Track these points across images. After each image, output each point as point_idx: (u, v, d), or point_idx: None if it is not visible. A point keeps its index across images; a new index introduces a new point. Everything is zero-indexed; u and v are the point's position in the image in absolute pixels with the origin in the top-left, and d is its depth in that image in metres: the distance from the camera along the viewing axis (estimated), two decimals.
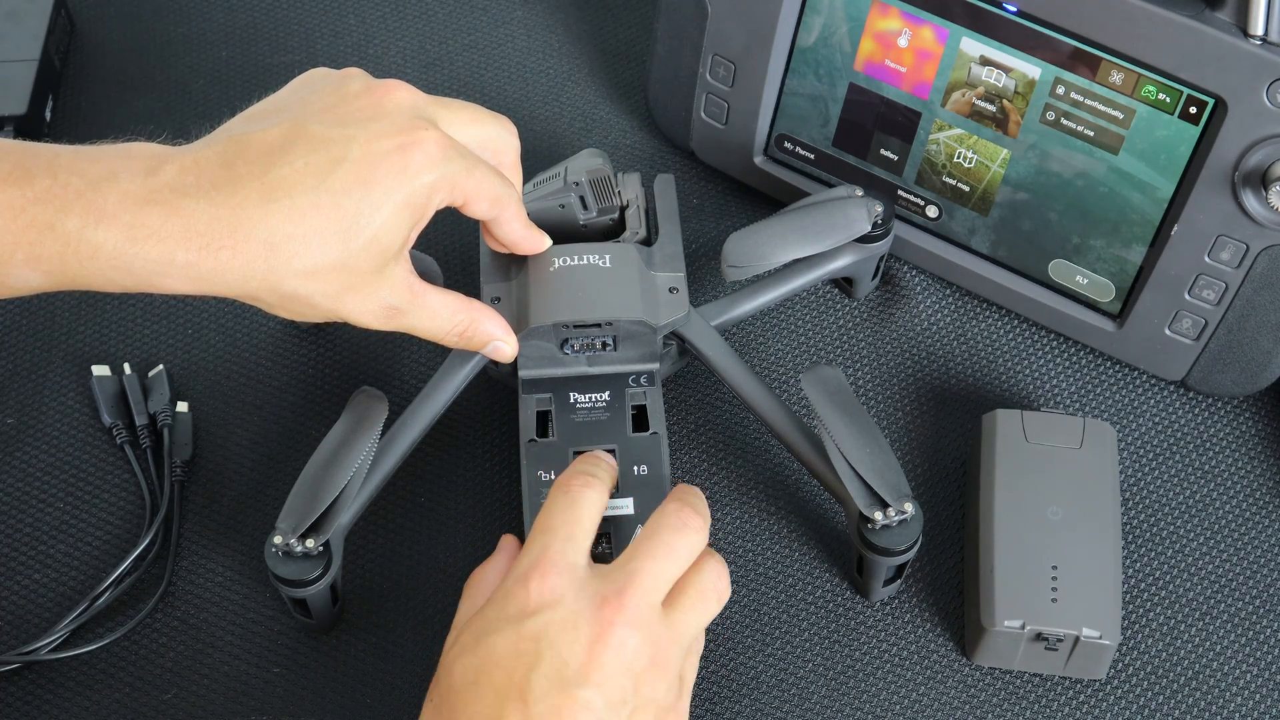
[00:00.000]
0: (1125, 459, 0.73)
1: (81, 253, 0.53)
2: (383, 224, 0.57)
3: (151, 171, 0.55)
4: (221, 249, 0.54)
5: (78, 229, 0.53)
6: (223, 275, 0.55)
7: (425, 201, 0.59)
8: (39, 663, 0.66)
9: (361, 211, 0.57)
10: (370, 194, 0.57)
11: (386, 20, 0.90)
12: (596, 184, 0.71)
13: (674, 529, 0.58)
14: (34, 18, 0.84)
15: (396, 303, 0.60)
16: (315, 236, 0.56)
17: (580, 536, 0.58)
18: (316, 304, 0.58)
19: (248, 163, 0.56)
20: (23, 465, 0.72)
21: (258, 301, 0.58)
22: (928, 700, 0.66)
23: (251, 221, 0.55)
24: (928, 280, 0.79)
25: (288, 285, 0.56)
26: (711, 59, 0.77)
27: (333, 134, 0.57)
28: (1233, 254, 0.68)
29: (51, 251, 0.53)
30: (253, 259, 0.55)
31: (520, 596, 0.56)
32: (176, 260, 0.54)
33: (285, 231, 0.55)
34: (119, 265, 0.54)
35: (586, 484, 0.60)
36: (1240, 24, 0.63)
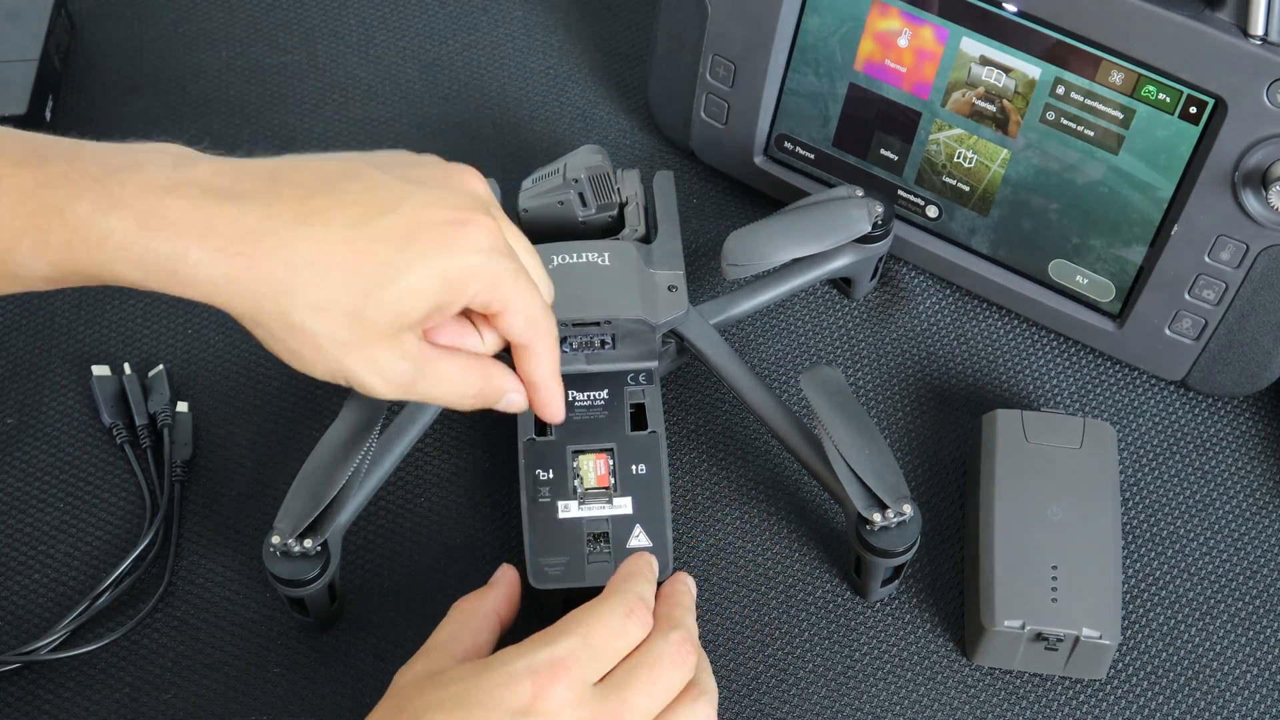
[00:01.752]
0: (1125, 459, 0.73)
1: (90, 240, 0.51)
2: (410, 287, 0.54)
3: (181, 166, 0.53)
4: (238, 256, 0.52)
5: (88, 214, 0.51)
6: (232, 285, 0.52)
7: (461, 283, 0.56)
8: (39, 663, 0.66)
9: (393, 264, 0.54)
10: (407, 251, 0.54)
11: (386, 20, 0.90)
12: (595, 180, 0.71)
13: (674, 664, 0.57)
14: (34, 18, 0.84)
15: (407, 370, 0.56)
16: (338, 273, 0.53)
17: (608, 660, 0.56)
18: (322, 347, 0.54)
19: (293, 183, 0.54)
20: (23, 465, 0.72)
21: (262, 328, 0.54)
22: (928, 700, 0.66)
23: (278, 237, 0.52)
24: (928, 280, 0.79)
25: (296, 315, 0.53)
26: (711, 59, 0.77)
27: (391, 184, 0.55)
28: (1233, 254, 0.68)
29: (59, 238, 0.51)
30: (268, 276, 0.52)
31: (525, 692, 0.53)
32: (188, 258, 0.51)
33: (309, 258, 0.53)
34: (128, 257, 0.51)
35: (644, 621, 0.57)
36: (1240, 24, 0.63)
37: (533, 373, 0.61)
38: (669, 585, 0.62)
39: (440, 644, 0.59)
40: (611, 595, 0.58)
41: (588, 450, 0.67)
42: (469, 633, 0.59)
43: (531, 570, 0.65)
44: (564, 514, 0.66)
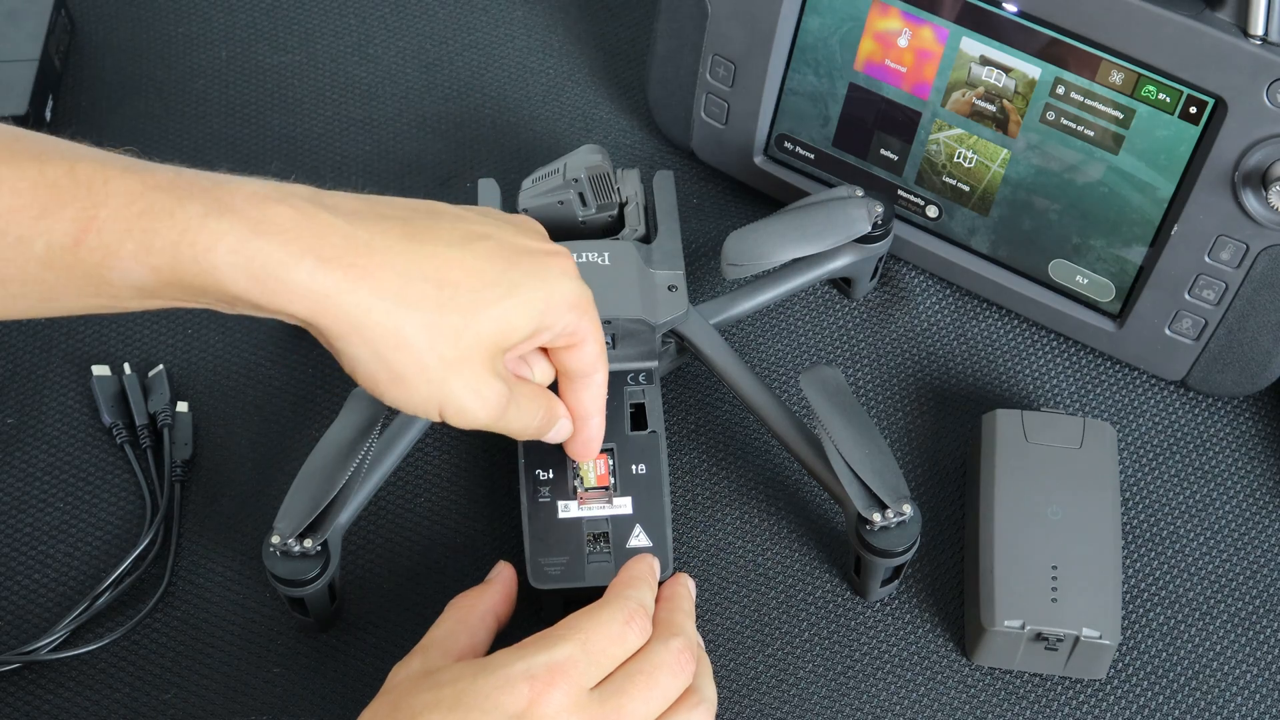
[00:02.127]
0: (1125, 459, 0.73)
1: (198, 243, 0.49)
2: (515, 307, 0.55)
3: (281, 185, 0.52)
4: (353, 266, 0.51)
5: (199, 215, 0.49)
6: (343, 296, 0.51)
7: (558, 309, 0.57)
8: (39, 663, 0.66)
9: (500, 283, 0.54)
10: (511, 272, 0.55)
11: (386, 20, 0.90)
12: (595, 180, 0.71)
13: (672, 672, 0.57)
14: (34, 18, 0.84)
15: (503, 394, 0.56)
16: (450, 288, 0.53)
17: (605, 666, 0.56)
18: (427, 367, 0.53)
19: (391, 207, 0.54)
20: (23, 465, 0.72)
21: (365, 346, 0.52)
22: (928, 700, 0.66)
23: (391, 251, 0.52)
24: (928, 280, 0.79)
25: (408, 330, 0.52)
26: (711, 59, 0.77)
27: (474, 217, 0.56)
28: (1233, 254, 0.68)
29: (166, 241, 0.49)
30: (382, 287, 0.51)
31: (522, 697, 0.53)
32: (302, 264, 0.50)
33: (422, 272, 0.52)
34: (236, 261, 0.49)
35: (643, 628, 0.57)
36: (1240, 24, 0.63)
37: (587, 404, 0.63)
38: (669, 588, 0.62)
39: (436, 642, 0.59)
40: (612, 601, 0.58)
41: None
42: (465, 631, 0.60)
43: (531, 570, 0.65)
44: (564, 514, 0.66)
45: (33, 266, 0.49)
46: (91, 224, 0.49)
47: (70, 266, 0.49)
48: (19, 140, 0.50)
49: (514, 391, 0.57)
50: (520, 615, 0.65)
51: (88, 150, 0.51)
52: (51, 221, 0.49)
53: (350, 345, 0.53)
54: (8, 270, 0.49)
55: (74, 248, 0.49)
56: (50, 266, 0.49)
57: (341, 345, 0.53)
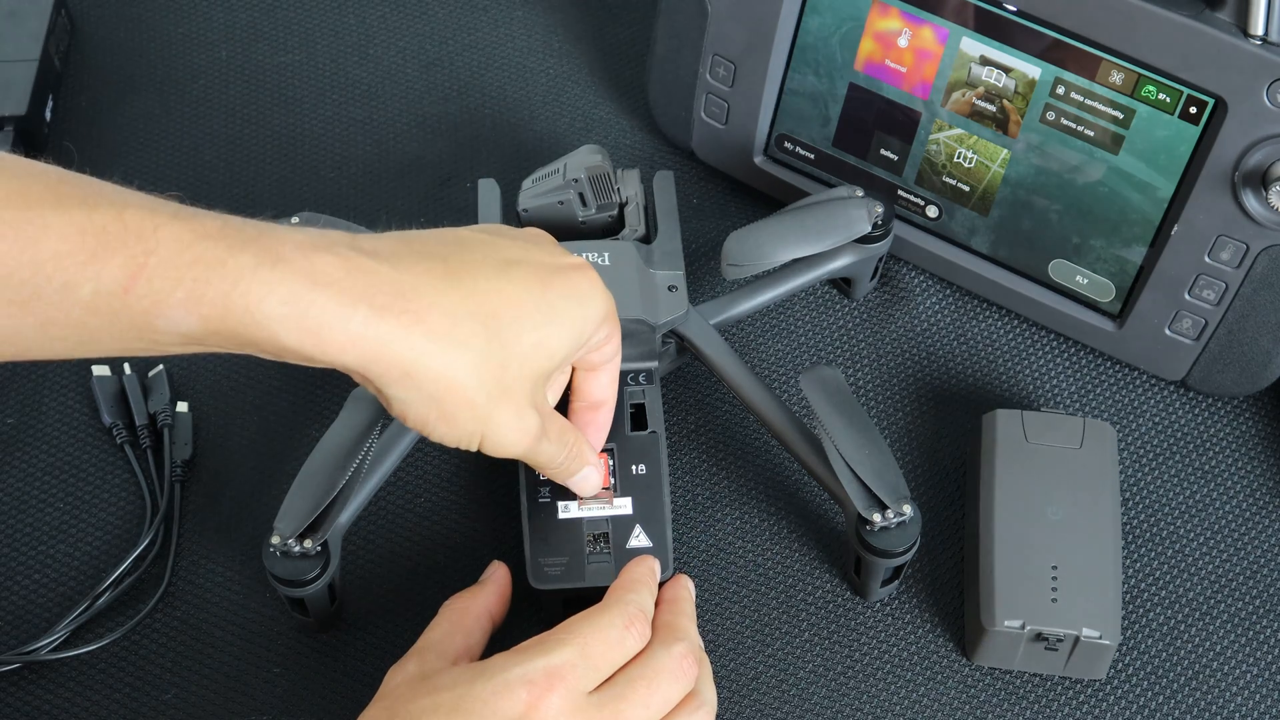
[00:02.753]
0: (1125, 459, 0.73)
1: (251, 294, 0.49)
2: (554, 333, 0.56)
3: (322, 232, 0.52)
4: (405, 313, 0.51)
5: (251, 265, 0.49)
6: (395, 344, 0.51)
7: (593, 327, 0.58)
8: (39, 663, 0.66)
9: (539, 310, 0.55)
10: (546, 296, 0.55)
11: (386, 20, 0.90)
12: (595, 180, 0.71)
13: (673, 677, 0.57)
14: (34, 18, 0.84)
15: (539, 425, 0.57)
16: (494, 322, 0.53)
17: (604, 671, 0.56)
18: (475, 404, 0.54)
19: (425, 244, 0.54)
20: (23, 465, 0.72)
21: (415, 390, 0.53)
22: (928, 700, 0.66)
23: (437, 292, 0.52)
24: (928, 280, 0.79)
25: (457, 371, 0.53)
26: (711, 59, 0.77)
27: (500, 243, 0.56)
28: (1233, 254, 0.68)
29: (218, 291, 0.49)
30: (433, 331, 0.52)
31: (520, 701, 0.53)
32: (356, 314, 0.50)
33: (468, 309, 0.53)
34: (290, 315, 0.49)
35: (642, 633, 0.58)
36: (1240, 24, 0.63)
37: (602, 390, 0.64)
38: (670, 591, 0.62)
39: (432, 644, 0.59)
40: (612, 605, 0.58)
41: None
42: (461, 633, 0.59)
43: (531, 570, 0.65)
44: (564, 514, 0.66)
45: (77, 311, 0.49)
46: (141, 271, 0.48)
47: (117, 313, 0.49)
48: (65, 183, 0.49)
49: (548, 423, 0.58)
50: (519, 615, 0.65)
51: (134, 195, 0.50)
52: (100, 267, 0.48)
53: (402, 390, 0.53)
54: (51, 314, 0.49)
55: (122, 295, 0.48)
56: (96, 313, 0.49)
57: (393, 391, 0.53)
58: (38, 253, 0.47)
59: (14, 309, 0.48)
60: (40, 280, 0.48)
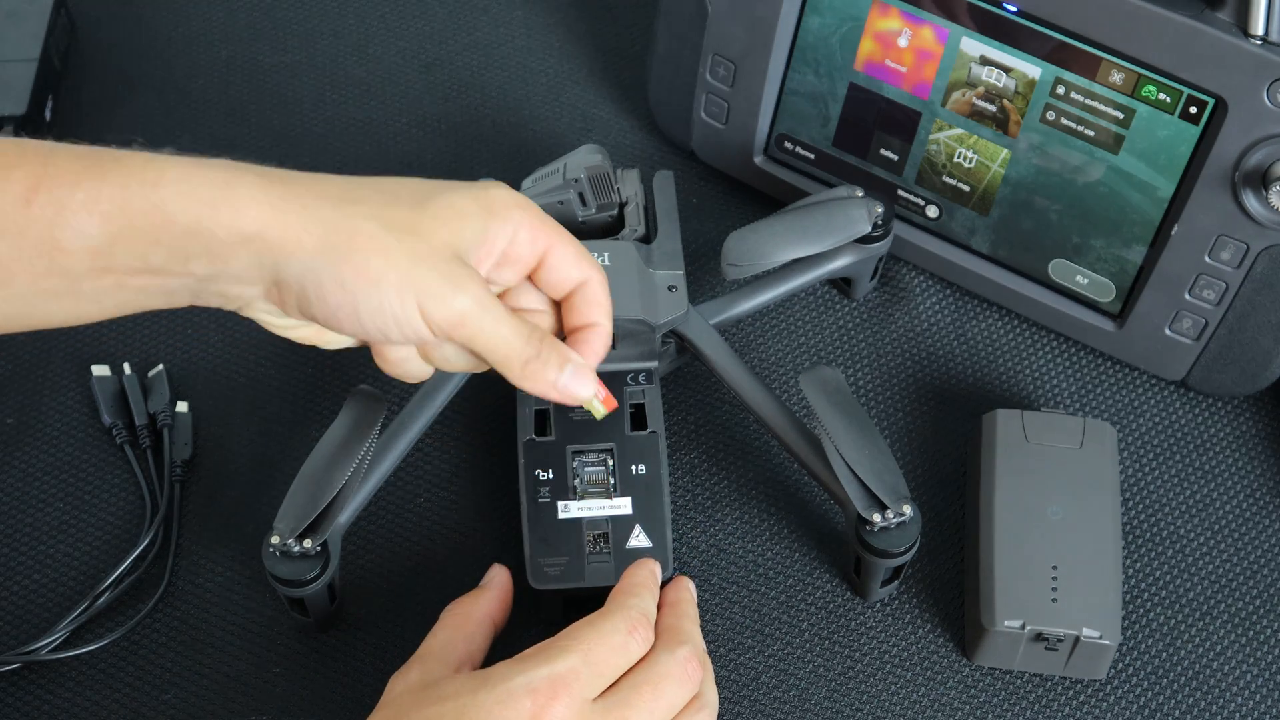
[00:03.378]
0: (1125, 459, 0.73)
1: (146, 179, 0.51)
2: (458, 198, 0.54)
3: None
4: (295, 183, 0.53)
5: (145, 159, 0.51)
6: (290, 201, 0.52)
7: (503, 211, 0.55)
8: (39, 663, 0.66)
9: (437, 189, 0.55)
10: (441, 184, 0.55)
11: (386, 20, 0.90)
12: (595, 180, 0.71)
13: (679, 682, 0.56)
14: (34, 18, 0.84)
15: (480, 280, 0.55)
16: (392, 194, 0.54)
17: (609, 676, 0.55)
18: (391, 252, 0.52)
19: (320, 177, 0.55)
20: (23, 465, 0.72)
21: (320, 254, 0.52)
22: (928, 700, 0.66)
23: (329, 180, 0.54)
24: (928, 280, 0.79)
25: (363, 224, 0.52)
26: (711, 59, 0.77)
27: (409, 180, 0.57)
28: (1233, 254, 0.68)
29: (114, 186, 0.50)
30: (325, 190, 0.53)
31: (525, 711, 0.53)
32: (246, 179, 0.52)
33: (359, 182, 0.54)
34: (184, 190, 0.51)
35: (646, 638, 0.57)
36: (1240, 24, 0.63)
37: (592, 312, 0.59)
38: (673, 593, 0.62)
39: (434, 652, 0.58)
40: (614, 611, 0.57)
41: (587, 450, 0.67)
42: (463, 638, 0.59)
43: (531, 570, 0.65)
44: (564, 514, 0.66)
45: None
46: (41, 181, 0.50)
47: (22, 230, 0.50)
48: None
49: (492, 301, 0.55)
50: (519, 616, 0.65)
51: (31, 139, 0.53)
52: (1, 184, 0.50)
53: (306, 254, 0.52)
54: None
55: (25, 207, 0.50)
56: (3, 235, 0.50)
57: (292, 264, 0.52)
58: None
59: None
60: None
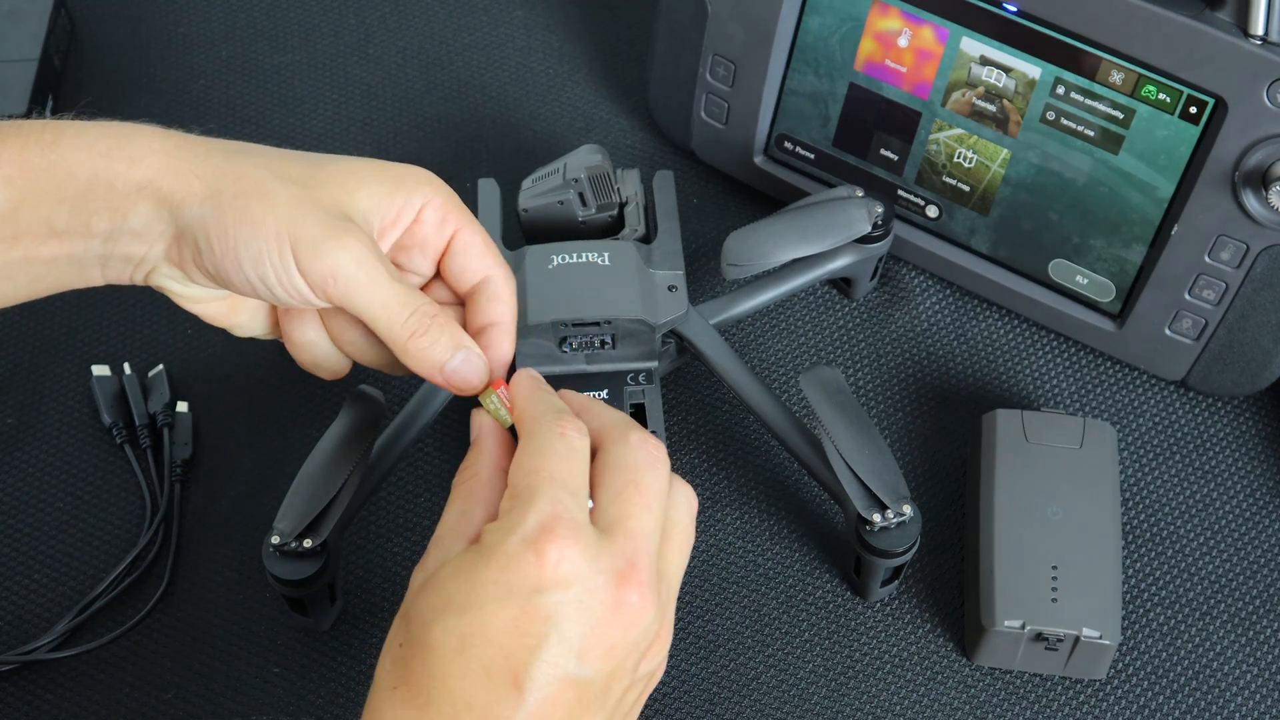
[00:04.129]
0: (1125, 459, 0.73)
1: (44, 138, 0.52)
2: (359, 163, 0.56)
3: None
4: (193, 139, 0.54)
5: (40, 124, 0.53)
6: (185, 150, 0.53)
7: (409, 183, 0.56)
8: (39, 663, 0.66)
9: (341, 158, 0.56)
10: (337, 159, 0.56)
11: (386, 20, 0.90)
12: (595, 180, 0.71)
13: (651, 467, 0.52)
14: (34, 18, 0.84)
15: (366, 238, 0.53)
16: (291, 154, 0.55)
17: (584, 490, 0.51)
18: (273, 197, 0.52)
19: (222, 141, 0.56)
20: (23, 465, 0.72)
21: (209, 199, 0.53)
22: (928, 700, 0.66)
23: (228, 142, 0.55)
24: (928, 280, 0.79)
25: (251, 171, 0.53)
26: (711, 59, 0.77)
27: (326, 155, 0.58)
28: (1233, 254, 0.68)
29: (13, 146, 0.52)
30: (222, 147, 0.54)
31: (532, 566, 0.48)
32: (143, 130, 0.53)
33: (260, 150, 0.55)
34: (81, 143, 0.52)
35: (579, 427, 0.52)
36: (1240, 24, 0.63)
37: (494, 310, 0.57)
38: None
39: (449, 529, 0.52)
40: (533, 428, 0.52)
41: None
42: (480, 505, 0.53)
43: None
44: None
45: None
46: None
47: None
48: None
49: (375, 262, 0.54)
50: None
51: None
52: None
53: (196, 203, 0.53)
54: None
55: None
56: None
57: (184, 212, 0.53)
58: None
59: None
60: None
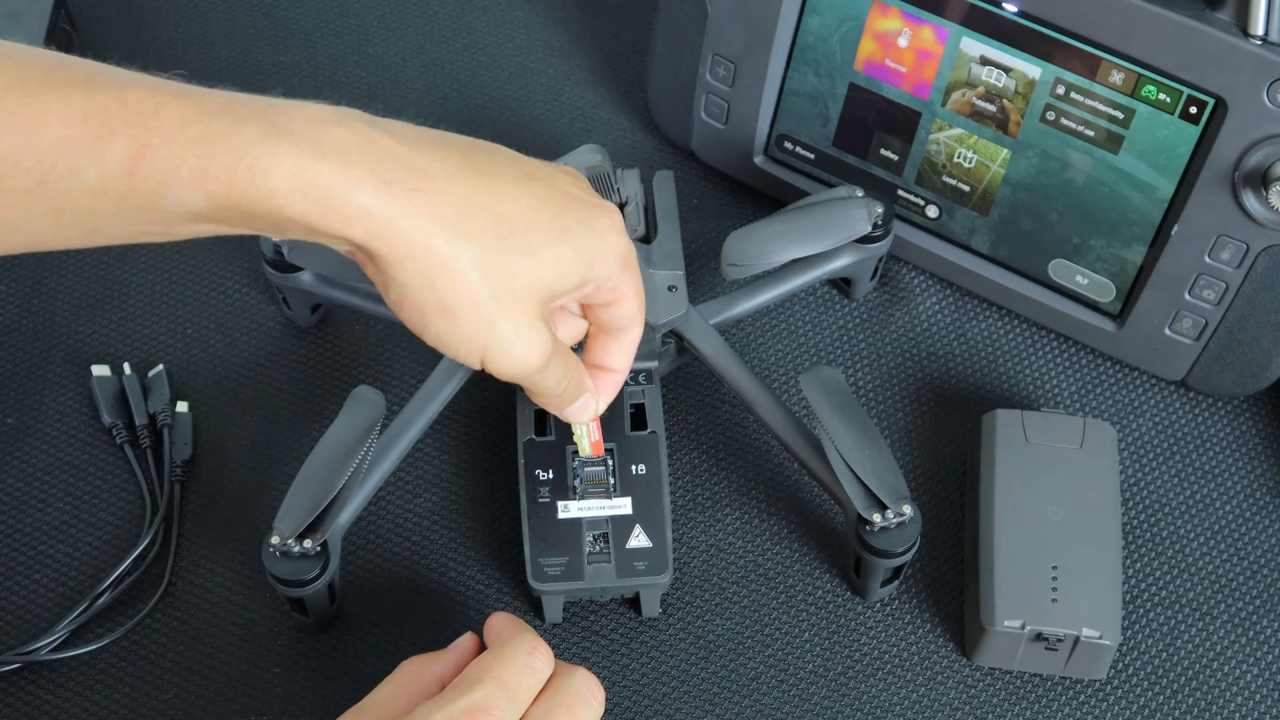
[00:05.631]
0: (1125, 459, 0.73)
1: (257, 167, 0.48)
2: (566, 253, 0.54)
3: (337, 108, 0.51)
4: (415, 192, 0.50)
5: (256, 139, 0.48)
6: (401, 221, 0.49)
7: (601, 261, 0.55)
8: (39, 663, 0.66)
9: (553, 227, 0.53)
10: (562, 217, 0.54)
11: (386, 20, 0.90)
12: (595, 180, 0.71)
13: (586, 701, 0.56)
14: (34, 18, 0.84)
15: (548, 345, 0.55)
16: (506, 226, 0.52)
17: (523, 699, 0.55)
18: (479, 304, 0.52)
19: (446, 136, 0.53)
20: (23, 465, 0.72)
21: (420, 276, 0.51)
22: (928, 700, 0.66)
23: (451, 180, 0.51)
24: (928, 280, 0.79)
25: (464, 262, 0.51)
26: (711, 59, 0.77)
27: (528, 159, 0.55)
28: (1233, 254, 0.68)
29: (222, 167, 0.48)
30: (441, 216, 0.50)
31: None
32: (363, 188, 0.49)
33: (480, 205, 0.51)
34: (295, 185, 0.48)
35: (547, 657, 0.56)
36: (1240, 24, 0.63)
37: (617, 359, 0.61)
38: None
39: (375, 703, 0.57)
40: (510, 639, 0.57)
41: None
42: (406, 695, 0.57)
43: (531, 570, 0.65)
44: (564, 514, 0.66)
45: (84, 197, 0.48)
46: (145, 151, 0.47)
47: (123, 195, 0.48)
48: (64, 66, 0.48)
49: (558, 347, 0.56)
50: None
51: (136, 76, 0.49)
52: (103, 151, 0.47)
53: (404, 272, 0.51)
54: (59, 201, 0.48)
55: (127, 177, 0.47)
56: (102, 196, 0.48)
57: (394, 272, 0.51)
58: (41, 139, 0.47)
59: (21, 197, 0.47)
60: (45, 167, 0.47)
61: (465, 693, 0.54)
